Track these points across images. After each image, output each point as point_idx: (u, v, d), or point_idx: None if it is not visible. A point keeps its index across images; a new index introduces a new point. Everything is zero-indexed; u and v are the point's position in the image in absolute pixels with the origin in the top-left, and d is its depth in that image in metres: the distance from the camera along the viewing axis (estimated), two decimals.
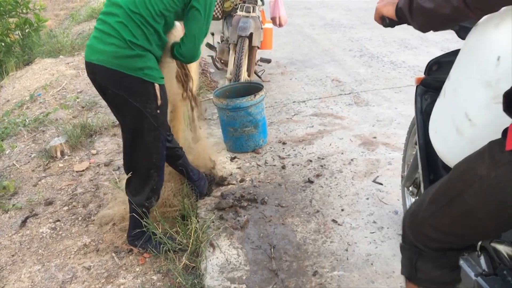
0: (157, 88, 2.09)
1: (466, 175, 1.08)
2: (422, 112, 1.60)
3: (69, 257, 2.40)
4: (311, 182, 2.82)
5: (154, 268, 2.26)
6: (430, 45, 5.37)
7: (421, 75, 1.75)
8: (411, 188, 2.12)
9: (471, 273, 1.21)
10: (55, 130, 3.81)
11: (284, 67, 5.00)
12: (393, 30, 5.73)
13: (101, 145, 3.57)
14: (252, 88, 3.32)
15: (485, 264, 1.19)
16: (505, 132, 0.99)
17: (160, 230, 2.29)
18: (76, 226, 2.66)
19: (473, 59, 1.16)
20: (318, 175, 2.89)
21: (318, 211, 2.54)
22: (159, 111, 2.12)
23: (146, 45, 2.03)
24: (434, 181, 1.51)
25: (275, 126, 3.61)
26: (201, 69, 4.73)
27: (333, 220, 2.46)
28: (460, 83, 1.20)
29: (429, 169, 1.63)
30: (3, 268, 2.38)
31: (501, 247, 1.14)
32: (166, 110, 2.22)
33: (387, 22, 1.36)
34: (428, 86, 1.64)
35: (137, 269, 2.27)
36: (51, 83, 4.79)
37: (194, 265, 2.21)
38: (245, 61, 3.93)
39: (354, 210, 2.53)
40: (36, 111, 4.27)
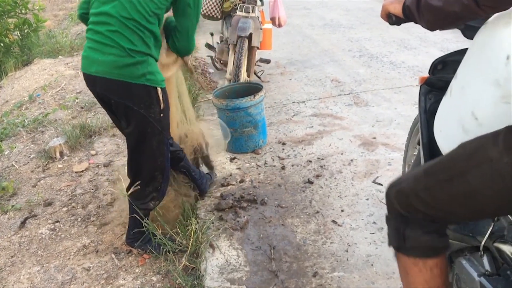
0: (159, 92, 2.08)
1: (474, 155, 1.06)
2: (426, 112, 1.59)
3: (69, 258, 2.39)
4: (310, 182, 2.82)
5: (154, 269, 2.26)
6: (430, 45, 5.37)
7: (420, 75, 1.75)
8: None
9: (474, 274, 1.20)
10: (54, 131, 3.80)
11: (284, 68, 5.00)
12: (393, 30, 5.77)
13: (101, 145, 3.56)
14: (252, 89, 3.31)
15: (488, 264, 1.18)
16: None
17: (160, 231, 2.28)
18: (76, 227, 2.65)
19: (481, 58, 1.15)
20: (317, 176, 2.88)
21: (318, 212, 2.54)
22: (162, 115, 2.12)
23: (145, 49, 2.01)
24: None
25: (274, 127, 3.61)
26: (201, 69, 4.72)
27: (333, 221, 2.45)
28: (467, 82, 1.19)
29: None
30: (2, 269, 2.37)
31: (504, 247, 1.13)
32: (168, 113, 2.22)
33: (393, 20, 1.35)
34: (432, 86, 1.63)
35: (137, 270, 2.26)
36: (50, 83, 4.78)
37: (194, 266, 2.21)
38: (244, 61, 3.93)
39: (354, 211, 2.53)
40: (35, 111, 4.26)
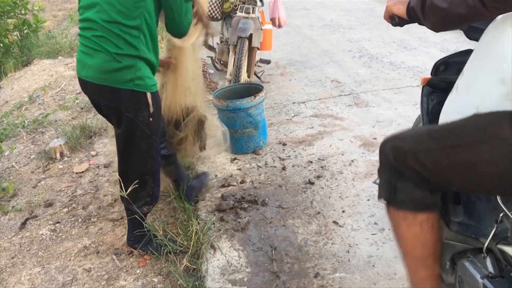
0: (149, 96, 2.05)
1: (487, 130, 1.05)
2: (429, 113, 1.59)
3: (69, 259, 2.39)
4: (311, 183, 2.82)
5: (155, 270, 2.25)
6: (430, 45, 5.37)
7: (422, 76, 1.74)
8: None
9: (477, 275, 1.20)
10: (54, 132, 3.79)
11: (284, 68, 5.00)
12: (393, 31, 5.77)
13: (101, 146, 3.55)
14: (252, 89, 3.31)
15: (491, 266, 1.18)
16: None
17: (161, 232, 2.28)
18: (76, 227, 2.64)
19: (488, 55, 1.15)
20: (318, 176, 2.88)
21: (319, 213, 2.53)
22: (151, 119, 2.09)
23: (133, 52, 1.96)
24: None
25: (275, 127, 3.60)
26: (201, 70, 4.72)
27: (334, 222, 2.45)
28: (473, 79, 1.19)
29: None
30: (3, 270, 2.37)
31: (508, 249, 1.13)
32: (160, 116, 2.19)
33: (397, 21, 1.34)
34: (434, 87, 1.63)
35: (138, 271, 2.26)
36: (50, 84, 4.77)
37: (195, 267, 2.20)
38: (245, 62, 3.92)
39: (355, 212, 2.52)
40: (35, 112, 4.25)
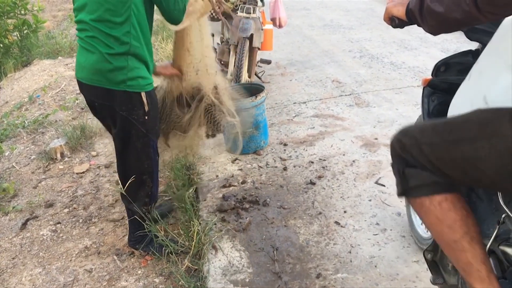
0: (143, 96, 2.04)
1: (488, 126, 1.06)
2: (430, 114, 1.59)
3: (70, 260, 2.39)
4: (313, 183, 2.81)
5: (156, 270, 2.25)
6: (430, 45, 5.37)
7: (423, 77, 1.74)
8: None
9: None
10: (55, 132, 3.79)
11: (284, 68, 4.99)
12: (393, 31, 5.77)
13: (101, 146, 3.55)
14: (253, 89, 3.30)
15: (493, 267, 1.18)
16: None
17: (162, 233, 2.27)
18: (77, 228, 2.64)
19: (501, 45, 1.17)
20: (320, 177, 2.88)
21: (320, 213, 2.53)
22: (147, 117, 2.09)
23: (124, 50, 1.95)
24: None
25: (275, 127, 3.60)
26: None
27: (336, 222, 2.45)
28: (485, 66, 1.21)
29: None
30: (4, 271, 2.37)
31: (510, 250, 1.13)
32: (156, 115, 2.18)
33: (396, 23, 1.35)
34: (435, 88, 1.62)
35: (139, 272, 2.26)
36: (50, 84, 4.76)
37: (196, 267, 2.20)
38: (245, 62, 3.92)
39: (356, 212, 2.52)
40: (35, 112, 4.25)
